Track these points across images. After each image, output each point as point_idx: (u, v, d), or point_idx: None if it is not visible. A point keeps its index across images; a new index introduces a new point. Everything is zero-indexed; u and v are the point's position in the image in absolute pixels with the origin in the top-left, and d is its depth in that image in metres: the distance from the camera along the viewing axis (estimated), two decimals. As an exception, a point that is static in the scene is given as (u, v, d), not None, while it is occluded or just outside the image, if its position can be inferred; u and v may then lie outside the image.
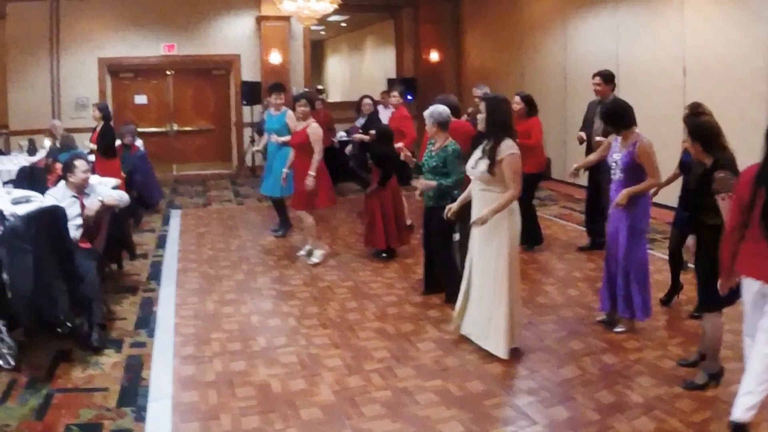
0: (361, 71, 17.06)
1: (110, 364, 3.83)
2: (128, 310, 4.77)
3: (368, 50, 16.47)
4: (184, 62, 11.12)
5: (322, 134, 5.81)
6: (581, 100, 7.26)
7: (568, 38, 9.44)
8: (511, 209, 3.78)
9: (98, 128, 6.97)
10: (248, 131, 11.18)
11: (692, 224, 3.59)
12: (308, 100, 6.00)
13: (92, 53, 10.53)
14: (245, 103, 10.93)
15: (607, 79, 5.76)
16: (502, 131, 3.81)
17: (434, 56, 12.45)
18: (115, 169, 6.66)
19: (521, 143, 4.02)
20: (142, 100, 11.39)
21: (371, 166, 6.10)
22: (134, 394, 3.46)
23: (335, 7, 8.90)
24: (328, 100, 15.72)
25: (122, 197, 4.90)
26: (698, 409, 3.21)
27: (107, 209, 4.71)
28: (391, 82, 11.85)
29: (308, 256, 6.02)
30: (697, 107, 3.95)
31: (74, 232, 4.24)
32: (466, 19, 12.72)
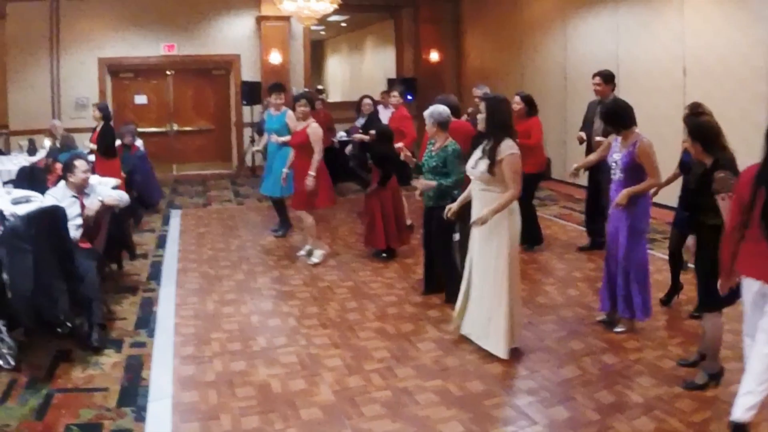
0: (361, 71, 17.05)
1: (110, 364, 3.83)
2: (128, 310, 4.77)
3: (368, 50, 16.47)
4: (184, 62, 11.12)
5: (322, 134, 5.81)
6: (581, 100, 7.26)
7: (568, 38, 9.44)
8: (511, 209, 3.78)
9: (98, 128, 6.97)
10: (248, 131, 11.17)
11: (692, 224, 3.58)
12: (308, 100, 6.00)
13: (92, 53, 10.53)
14: (245, 103, 10.92)
15: (607, 79, 5.76)
16: (502, 131, 3.81)
17: (434, 56, 12.45)
18: (115, 169, 6.66)
19: (521, 143, 4.02)
20: (142, 100, 11.39)
21: (371, 166, 6.10)
22: (134, 394, 3.46)
23: (335, 7, 8.90)
24: (328, 100, 15.72)
25: (122, 197, 4.90)
26: (698, 409, 3.21)
27: (107, 209, 4.71)
28: (391, 82, 11.85)
29: (308, 256, 6.02)
30: (697, 107, 3.95)
31: (74, 232, 4.24)
32: (466, 19, 12.71)
